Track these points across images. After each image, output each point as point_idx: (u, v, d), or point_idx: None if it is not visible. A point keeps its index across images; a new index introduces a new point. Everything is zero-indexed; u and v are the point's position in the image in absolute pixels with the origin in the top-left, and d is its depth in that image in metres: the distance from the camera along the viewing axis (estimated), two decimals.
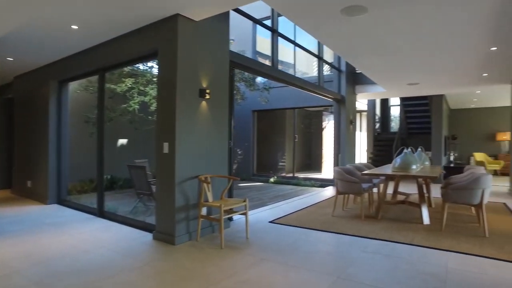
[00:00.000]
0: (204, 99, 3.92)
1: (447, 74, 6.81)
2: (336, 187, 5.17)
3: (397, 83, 7.80)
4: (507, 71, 6.67)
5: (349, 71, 9.12)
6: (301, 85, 6.90)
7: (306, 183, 9.92)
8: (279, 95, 10.59)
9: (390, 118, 13.84)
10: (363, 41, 4.66)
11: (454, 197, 4.24)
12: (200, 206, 3.77)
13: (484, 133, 12.64)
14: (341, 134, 9.02)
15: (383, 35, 4.43)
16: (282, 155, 12.09)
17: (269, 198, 7.49)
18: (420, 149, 6.09)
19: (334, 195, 6.86)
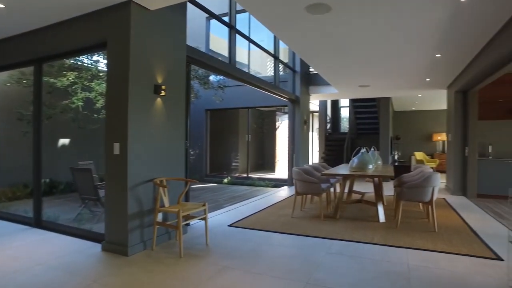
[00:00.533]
0: (159, 96, 3.61)
1: (395, 77, 7.15)
2: (295, 187, 5.13)
3: (349, 84, 8.03)
4: (445, 77, 7.18)
5: (303, 72, 9.23)
6: (258, 84, 6.79)
7: (260, 184, 9.87)
8: (233, 94, 10.41)
9: (340, 119, 14.36)
10: (323, 40, 4.66)
11: (408, 195, 4.41)
12: (156, 212, 3.46)
13: (423, 134, 13.64)
14: (296, 134, 9.09)
15: (342, 36, 4.46)
16: (235, 155, 11.93)
17: (224, 200, 7.29)
18: (373, 149, 6.30)
19: (291, 195, 6.89)
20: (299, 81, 9.04)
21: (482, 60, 5.27)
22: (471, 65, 5.86)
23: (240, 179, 10.60)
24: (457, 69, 6.40)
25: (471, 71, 5.91)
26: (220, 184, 10.30)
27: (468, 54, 5.35)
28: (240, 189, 9.10)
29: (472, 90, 7.26)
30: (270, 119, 13.53)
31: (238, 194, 8.17)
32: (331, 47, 4.99)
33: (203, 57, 4.80)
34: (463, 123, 7.44)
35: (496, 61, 5.01)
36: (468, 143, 7.36)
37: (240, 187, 9.55)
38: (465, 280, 2.78)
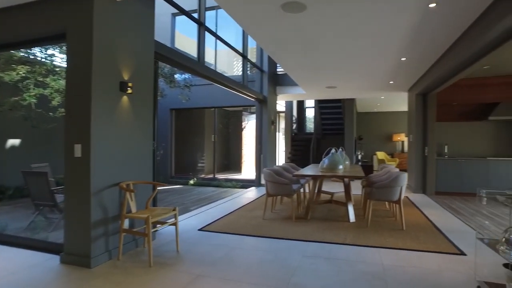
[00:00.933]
0: (126, 94, 3.37)
1: (362, 79, 7.33)
2: (266, 189, 5.05)
3: (317, 85, 8.12)
4: (407, 80, 7.48)
5: (271, 72, 9.22)
6: (227, 83, 6.64)
7: (228, 185, 9.72)
8: (200, 93, 10.17)
9: (305, 120, 14.57)
10: (295, 40, 4.63)
11: (378, 195, 4.49)
12: (123, 218, 3.21)
13: (384, 134, 14.21)
14: (263, 135, 9.05)
15: (315, 36, 4.45)
16: (201, 156, 11.67)
17: (192, 202, 7.06)
18: (341, 149, 6.40)
19: (260, 196, 6.82)
20: (267, 81, 9.01)
21: (442, 66, 5.52)
22: (432, 69, 6.14)
23: (207, 180, 10.38)
24: (419, 73, 6.68)
25: (432, 75, 6.19)
26: (186, 185, 10.01)
27: (430, 59, 5.58)
28: (207, 191, 8.89)
29: (431, 93, 7.63)
30: (236, 119, 13.41)
31: (206, 196, 7.97)
32: (303, 47, 4.97)
33: (172, 54, 4.58)
34: (423, 124, 7.80)
35: (454, 67, 5.29)
36: (427, 143, 7.73)
37: (207, 189, 9.34)
38: (437, 277, 2.85)
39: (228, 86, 6.83)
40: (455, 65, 5.18)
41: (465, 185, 7.52)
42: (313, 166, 6.57)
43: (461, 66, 5.24)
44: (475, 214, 5.66)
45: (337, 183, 9.15)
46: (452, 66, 5.21)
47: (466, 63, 5.08)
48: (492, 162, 7.41)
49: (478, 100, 7.90)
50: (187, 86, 8.42)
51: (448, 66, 5.26)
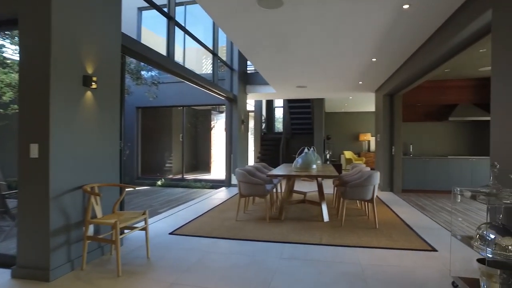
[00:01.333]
0: (90, 89, 3.09)
1: (332, 79, 7.40)
2: (239, 189, 4.92)
3: (288, 85, 8.10)
4: (375, 81, 7.66)
5: (241, 71, 9.09)
6: (197, 81, 6.42)
7: (197, 185, 9.47)
8: (167, 91, 9.83)
9: (274, 119, 14.58)
10: (268, 36, 4.54)
11: (352, 194, 4.51)
12: (87, 224, 2.93)
13: (350, 134, 14.55)
14: (233, 134, 8.90)
15: (289, 33, 4.39)
16: (169, 156, 11.30)
17: (160, 204, 6.76)
18: (313, 149, 6.40)
19: (231, 197, 6.66)
20: (237, 80, 8.87)
21: (409, 67, 5.68)
22: (400, 71, 6.30)
23: (175, 180, 10.05)
24: (387, 74, 6.85)
25: (399, 76, 6.35)
26: (154, 186, 9.64)
27: (399, 60, 5.72)
28: (175, 192, 8.60)
29: (397, 94, 7.87)
30: (205, 118, 13.15)
31: (174, 197, 7.68)
32: (276, 44, 4.89)
33: (140, 48, 4.31)
34: (390, 124, 8.03)
35: (420, 69, 5.46)
36: (394, 143, 7.96)
37: (176, 189, 9.04)
38: (414, 274, 2.87)
39: (198, 83, 6.61)
40: (421, 67, 5.33)
41: (429, 183, 7.84)
42: (285, 165, 6.52)
43: (428, 68, 5.42)
44: (439, 210, 5.87)
45: (307, 182, 9.22)
46: (419, 68, 5.36)
47: (432, 66, 5.25)
48: (452, 161, 7.77)
49: (439, 101, 8.27)
50: (154, 84, 8.07)
51: (415, 68, 5.41)
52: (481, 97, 7.99)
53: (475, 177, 7.64)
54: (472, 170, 7.68)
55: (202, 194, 7.88)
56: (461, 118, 7.79)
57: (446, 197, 7.38)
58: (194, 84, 6.56)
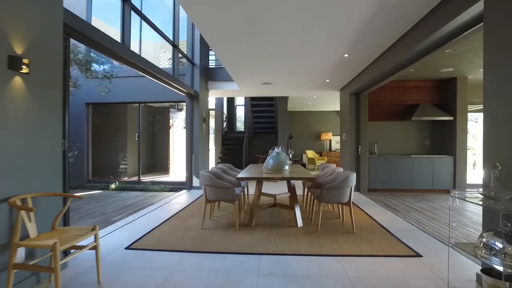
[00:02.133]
0: (20, 74, 2.44)
1: (300, 76, 7.12)
2: (205, 194, 4.41)
3: (253, 81, 7.71)
4: (342, 79, 7.51)
5: (202, 66, 8.54)
6: (156, 74, 5.78)
7: (155, 188, 8.76)
8: (121, 86, 8.99)
9: (236, 118, 14.13)
10: (238, 24, 4.09)
11: (328, 197, 4.20)
12: (14, 248, 2.29)
13: (312, 133, 14.52)
14: (195, 133, 8.33)
15: (261, 21, 3.98)
16: (124, 157, 10.41)
17: (114, 211, 6.04)
18: (281, 149, 6.06)
19: (193, 201, 6.10)
20: (198, 75, 8.31)
21: (379, 65, 5.54)
22: (369, 69, 6.17)
23: (131, 183, 9.23)
24: (355, 72, 6.70)
25: (368, 75, 6.22)
26: (107, 190, 8.76)
27: (371, 57, 5.55)
28: (131, 196, 7.84)
29: (363, 93, 7.80)
30: (163, 116, 12.35)
31: (130, 202, 6.95)
32: (247, 34, 4.46)
33: (87, 29, 3.63)
34: (356, 123, 7.94)
35: (391, 68, 5.36)
36: (360, 142, 7.89)
37: (131, 193, 8.26)
38: (407, 286, 2.60)
39: (156, 77, 5.98)
40: (393, 66, 5.21)
41: (393, 182, 7.87)
42: (253, 166, 6.11)
43: (398, 67, 5.33)
44: (409, 210, 5.81)
45: (272, 183, 8.90)
46: (390, 66, 5.24)
47: (403, 65, 5.17)
48: (415, 160, 7.87)
49: (401, 101, 8.36)
50: (106, 77, 7.24)
51: (386, 66, 5.28)
52: (440, 98, 8.19)
53: (436, 176, 7.80)
54: (434, 168, 7.83)
55: (161, 198, 7.23)
56: (424, 118, 7.89)
57: (410, 195, 7.44)
58: (152, 78, 5.91)
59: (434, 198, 7.13)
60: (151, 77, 5.86)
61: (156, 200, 7.07)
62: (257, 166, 6.07)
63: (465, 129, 7.76)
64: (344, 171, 4.70)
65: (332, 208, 5.58)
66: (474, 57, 5.89)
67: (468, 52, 5.66)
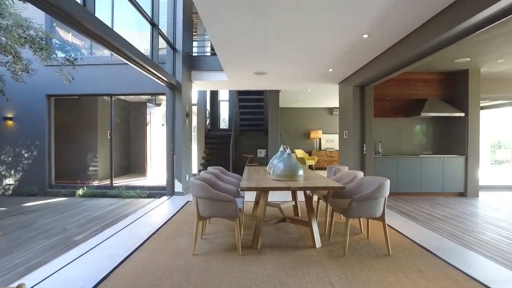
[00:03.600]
0: None
1: (300, 65, 6.17)
2: (197, 209, 3.37)
3: (245, 70, 6.68)
4: (347, 69, 6.62)
5: (185, 53, 7.44)
6: (130, 54, 4.64)
7: (130, 194, 7.59)
8: (89, 76, 7.74)
9: (219, 114, 13.04)
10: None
11: (359, 211, 3.26)
12: None
13: (301, 131, 13.65)
14: (176, 130, 7.23)
15: None
16: (93, 157, 9.13)
17: (79, 227, 4.87)
18: (284, 148, 5.11)
19: (177, 211, 4.97)
20: (181, 63, 7.20)
21: (396, 53, 4.75)
22: (384, 56, 5.31)
23: (101, 188, 8.00)
24: (366, 59, 5.82)
25: (381, 64, 5.39)
26: (72, 197, 7.50)
27: (389, 42, 4.72)
28: (102, 204, 6.64)
29: (369, 86, 6.95)
30: (139, 112, 11.13)
31: (100, 213, 5.78)
32: (249, 3, 3.45)
33: None
34: (361, 120, 7.09)
35: (408, 57, 4.66)
36: (365, 141, 7.05)
37: (102, 201, 7.07)
38: None
39: (131, 59, 4.84)
40: (411, 55, 4.53)
41: (401, 185, 7.10)
42: (252, 170, 5.09)
43: (416, 56, 4.65)
44: (430, 218, 5.01)
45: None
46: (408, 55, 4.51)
47: (423, 54, 4.52)
48: (425, 160, 7.12)
49: (407, 95, 7.59)
50: (69, 61, 5.97)
51: (405, 55, 4.52)
52: (449, 92, 7.48)
53: (447, 178, 7.09)
54: (444, 169, 7.11)
55: (138, 207, 6.11)
56: (433, 114, 7.15)
57: (421, 200, 6.67)
58: (126, 59, 4.77)
59: (447, 202, 6.39)
60: (124, 59, 4.72)
61: (132, 210, 5.94)
62: (257, 170, 5.07)
63: (477, 126, 7.08)
64: (370, 177, 3.78)
65: (340, 216, 4.66)
66: (504, 43, 5.13)
67: (496, 39, 4.91)
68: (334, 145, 13.54)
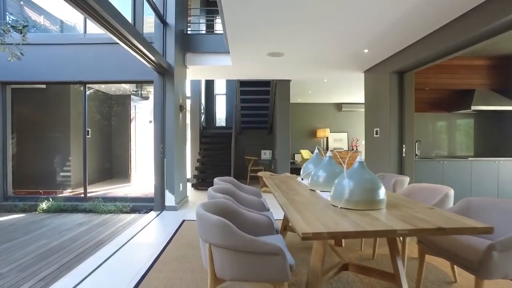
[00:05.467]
0: None
1: (326, 43, 4.74)
2: (210, 267, 1.87)
3: (256, 49, 5.18)
4: (384, 51, 5.22)
5: (178, 31, 5.90)
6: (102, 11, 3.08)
7: (108, 208, 5.99)
8: (55, 58, 6.11)
9: (215, 109, 11.47)
10: None
11: (507, 267, 1.82)
12: None
13: (307, 129, 12.21)
14: (167, 127, 5.69)
15: None
16: (65, 161, 7.48)
17: (22, 269, 3.28)
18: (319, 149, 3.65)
19: (171, 238, 3.40)
20: (173, 41, 5.66)
21: (455, 30, 3.36)
22: (438, 33, 3.92)
23: (73, 200, 6.37)
24: (413, 37, 4.42)
25: (428, 46, 4.04)
26: (32, 213, 5.85)
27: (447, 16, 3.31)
28: (69, 224, 5.06)
29: (410, 73, 5.55)
30: (122, 107, 9.49)
31: (62, 240, 4.20)
32: None
33: None
34: (399, 115, 5.68)
35: (471, 37, 3.28)
36: (405, 141, 5.64)
37: (71, 218, 5.47)
38: None
39: (110, 26, 3.29)
40: (475, 35, 3.12)
41: None
42: (284, 182, 3.54)
43: (477, 37, 3.30)
44: None
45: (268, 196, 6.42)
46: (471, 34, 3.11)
47: (485, 35, 3.13)
48: (476, 164, 5.77)
49: (449, 85, 6.24)
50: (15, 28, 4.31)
51: (467, 34, 3.13)
52: (500, 82, 6.15)
53: (503, 184, 5.75)
54: (500, 175, 5.77)
55: (117, 230, 4.56)
56: (487, 107, 5.80)
57: None
58: (98, 24, 3.21)
59: None
60: (96, 22, 3.16)
61: (108, 234, 4.39)
62: (286, 181, 3.57)
63: None
64: (488, 198, 2.34)
65: None
66: None
67: None
68: (342, 145, 12.16)
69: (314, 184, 2.79)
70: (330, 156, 2.90)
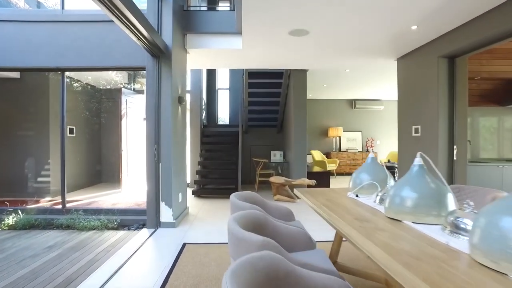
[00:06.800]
0: None
1: (367, 16, 3.64)
2: None
3: (277, 26, 4.08)
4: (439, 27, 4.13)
5: (177, 7, 4.79)
6: None
7: (90, 223, 4.85)
8: (25, 40, 4.98)
9: (217, 105, 10.35)
10: None
11: None
12: None
13: (317, 128, 11.13)
14: (163, 124, 4.57)
15: None
16: (42, 164, 6.34)
17: None
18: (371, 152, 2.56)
19: (170, 272, 2.39)
20: (170, 17, 4.55)
21: None
22: (491, 14, 2.86)
23: (47, 213, 5.24)
24: (472, 13, 3.35)
25: (484, 26, 2.94)
26: None
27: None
28: (35, 247, 3.92)
29: (462, 57, 4.48)
30: (113, 102, 8.38)
31: (21, 275, 3.07)
32: None
33: None
34: (449, 108, 4.60)
35: None
36: (456, 140, 4.56)
37: (41, 238, 4.34)
38: None
39: None
40: None
41: None
42: (331, 200, 2.42)
43: None
44: None
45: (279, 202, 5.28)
46: None
47: None
48: None
49: (504, 74, 5.19)
50: None
51: None
52: None
53: None
54: None
55: (95, 259, 3.44)
56: None
57: None
58: None
59: None
60: None
61: (83, 266, 3.26)
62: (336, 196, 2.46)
63: None
64: None
65: None
66: None
67: None
68: (356, 145, 11.09)
69: (396, 211, 1.70)
70: (420, 165, 1.81)
